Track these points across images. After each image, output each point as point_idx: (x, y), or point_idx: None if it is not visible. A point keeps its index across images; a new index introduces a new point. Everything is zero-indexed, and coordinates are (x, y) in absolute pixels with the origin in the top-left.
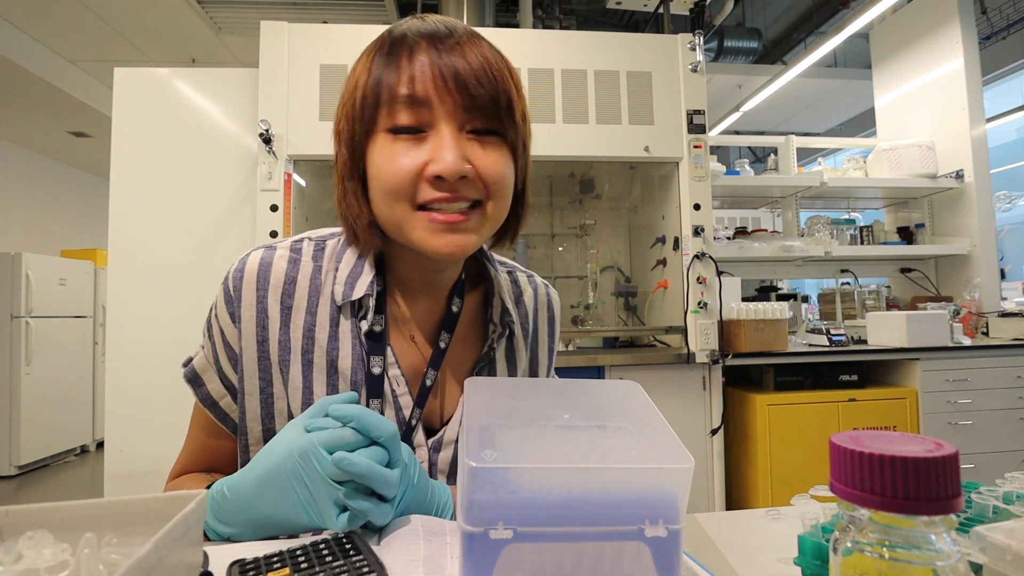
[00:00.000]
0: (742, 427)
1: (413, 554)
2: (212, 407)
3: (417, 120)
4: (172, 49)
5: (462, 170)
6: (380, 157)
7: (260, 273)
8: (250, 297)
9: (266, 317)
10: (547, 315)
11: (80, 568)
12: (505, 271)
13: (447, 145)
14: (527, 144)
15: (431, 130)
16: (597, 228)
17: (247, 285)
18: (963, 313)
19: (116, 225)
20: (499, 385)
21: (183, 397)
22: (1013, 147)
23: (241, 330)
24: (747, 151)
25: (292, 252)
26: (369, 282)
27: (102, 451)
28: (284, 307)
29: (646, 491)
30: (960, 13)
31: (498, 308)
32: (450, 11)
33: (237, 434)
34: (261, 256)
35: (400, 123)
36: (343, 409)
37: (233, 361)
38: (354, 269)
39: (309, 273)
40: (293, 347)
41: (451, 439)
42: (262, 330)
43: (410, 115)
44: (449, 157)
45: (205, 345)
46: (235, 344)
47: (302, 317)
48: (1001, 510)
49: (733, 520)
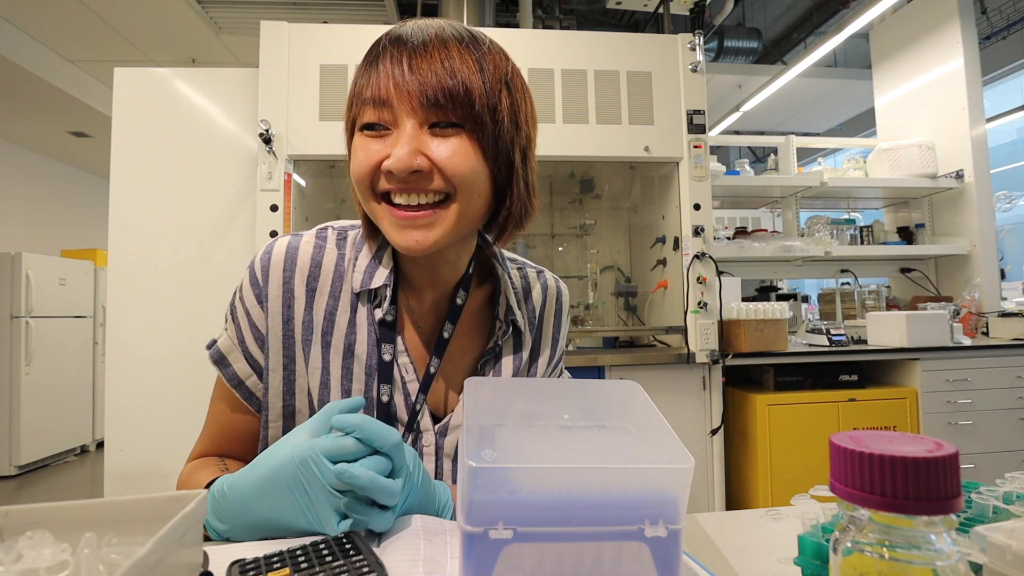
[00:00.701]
0: (742, 427)
1: (413, 554)
2: (238, 386)
3: (379, 118)
4: (172, 49)
5: (412, 164)
6: (354, 152)
7: (288, 256)
8: (277, 278)
9: (292, 297)
10: (555, 308)
11: (80, 568)
12: (515, 267)
13: (400, 141)
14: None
15: (394, 127)
16: (597, 228)
17: (275, 267)
18: (963, 313)
19: (116, 225)
20: (499, 385)
21: (183, 397)
22: (1013, 147)
23: (268, 309)
24: (747, 151)
25: (318, 239)
26: (388, 273)
27: (102, 451)
28: (309, 289)
29: (646, 491)
30: (960, 13)
31: (503, 307)
32: (450, 11)
33: (260, 411)
34: (288, 242)
35: (366, 120)
36: (346, 420)
37: (260, 341)
38: (372, 259)
39: (333, 259)
40: (315, 328)
41: (457, 423)
42: (287, 309)
43: (375, 114)
44: (399, 152)
45: (229, 327)
46: (261, 325)
47: (324, 300)
48: (1001, 510)
49: (733, 520)
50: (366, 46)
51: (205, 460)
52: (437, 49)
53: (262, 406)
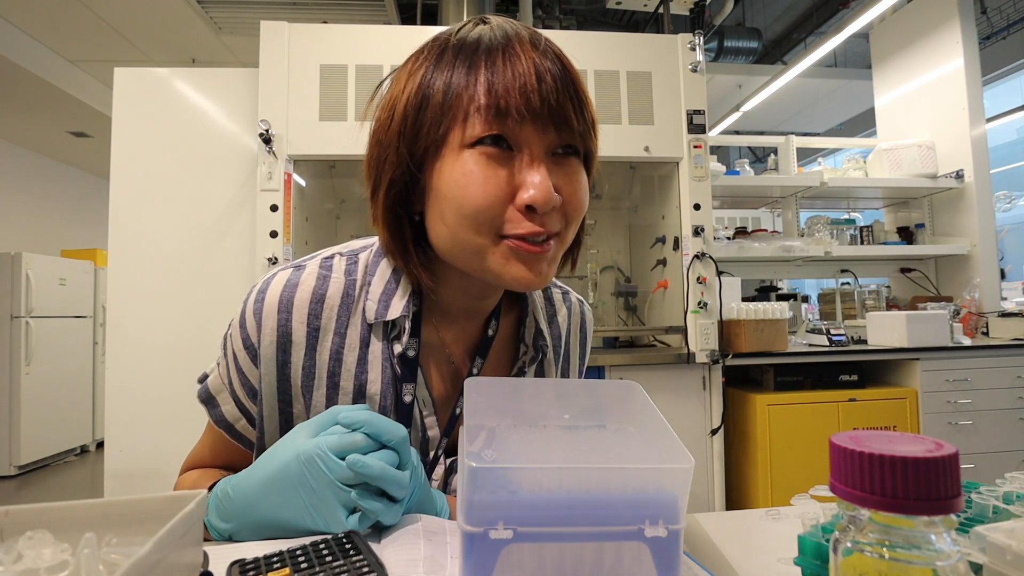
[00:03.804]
0: (742, 427)
1: (413, 554)
2: (227, 429)
3: (503, 133)
4: (172, 49)
5: (554, 201)
6: (458, 174)
7: (284, 296)
8: (271, 323)
9: (289, 342)
10: (580, 336)
11: (80, 568)
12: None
13: (542, 172)
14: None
15: (518, 150)
16: (597, 228)
17: (268, 311)
18: (963, 313)
19: (116, 225)
20: (499, 385)
21: (183, 397)
22: (1013, 147)
23: (260, 361)
24: (747, 151)
25: (322, 269)
26: (405, 303)
27: (102, 451)
28: (311, 329)
29: (646, 491)
30: (960, 13)
31: (531, 329)
32: (450, 12)
33: (253, 451)
34: (287, 280)
35: (490, 132)
36: (353, 415)
37: (249, 391)
38: (388, 285)
39: (341, 288)
40: (318, 372)
41: None
42: (283, 354)
43: (496, 128)
44: (545, 186)
45: (221, 363)
46: (252, 376)
47: (330, 339)
48: (1001, 510)
49: (733, 520)
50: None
51: (204, 471)
52: (554, 58)
53: (255, 446)
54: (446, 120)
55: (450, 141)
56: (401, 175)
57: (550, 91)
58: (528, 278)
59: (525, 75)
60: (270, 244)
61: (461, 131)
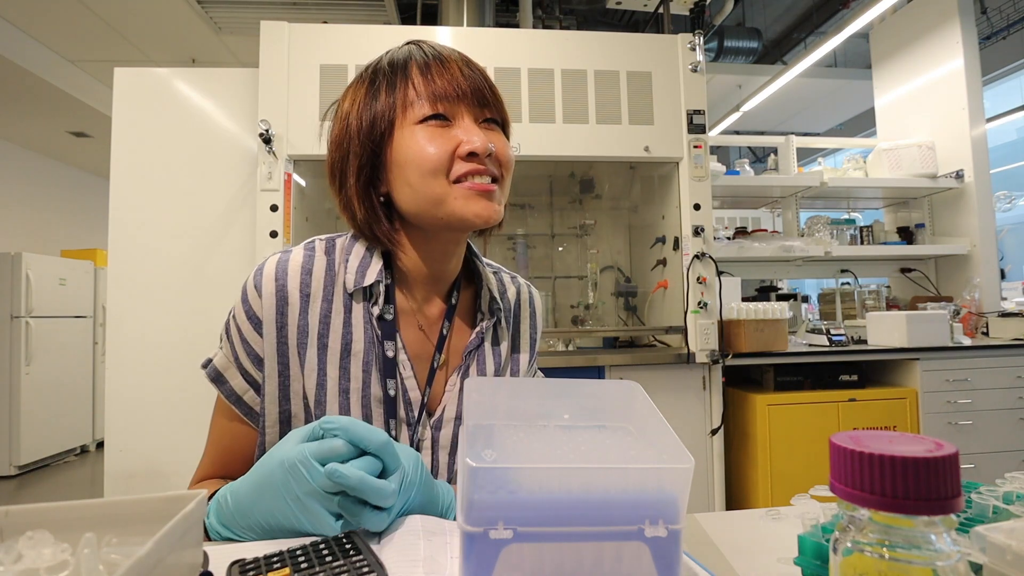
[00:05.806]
0: (742, 427)
1: (413, 554)
2: (237, 402)
3: (443, 111)
4: (172, 49)
5: (489, 148)
6: (412, 144)
7: (279, 267)
8: (270, 287)
9: (286, 304)
10: (529, 311)
11: (80, 568)
12: (491, 271)
13: (470, 129)
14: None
15: (455, 120)
16: (597, 228)
17: (267, 279)
18: (963, 313)
19: (116, 225)
20: (499, 385)
21: (183, 397)
22: (1013, 147)
23: (262, 325)
24: (747, 151)
25: (306, 250)
26: (379, 270)
27: (102, 451)
28: (303, 295)
29: (646, 491)
30: (960, 13)
31: (486, 299)
32: (450, 11)
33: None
34: (279, 257)
35: (431, 113)
36: (333, 421)
37: (254, 358)
38: (363, 260)
39: (324, 265)
40: (310, 332)
41: (451, 416)
42: (281, 316)
43: (437, 108)
44: (475, 138)
45: (224, 346)
46: (255, 343)
47: (319, 304)
48: (1001, 510)
49: (733, 520)
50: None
51: (210, 481)
52: (469, 63)
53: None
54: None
55: (402, 124)
56: (367, 160)
57: (473, 79)
58: (486, 211)
59: (455, 70)
60: (270, 244)
61: (410, 114)
